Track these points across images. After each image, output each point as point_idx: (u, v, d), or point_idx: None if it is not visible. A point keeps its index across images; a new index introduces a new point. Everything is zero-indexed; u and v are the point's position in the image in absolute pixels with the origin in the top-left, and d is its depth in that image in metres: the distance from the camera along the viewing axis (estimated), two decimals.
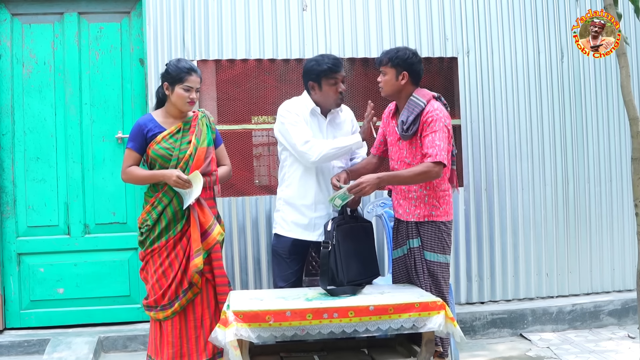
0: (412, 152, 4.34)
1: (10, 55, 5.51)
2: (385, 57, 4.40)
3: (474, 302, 5.89)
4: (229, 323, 3.73)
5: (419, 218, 4.36)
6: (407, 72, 4.35)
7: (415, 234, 4.37)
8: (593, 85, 6.14)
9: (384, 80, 4.39)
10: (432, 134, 4.21)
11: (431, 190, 4.34)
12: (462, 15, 5.94)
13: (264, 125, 5.74)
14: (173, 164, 4.34)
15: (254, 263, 5.62)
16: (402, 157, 4.40)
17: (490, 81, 5.97)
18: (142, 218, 4.41)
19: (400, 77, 4.36)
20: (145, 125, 4.40)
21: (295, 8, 5.74)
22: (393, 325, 3.85)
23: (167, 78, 4.39)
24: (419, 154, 4.30)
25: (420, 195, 4.35)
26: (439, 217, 4.36)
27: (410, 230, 4.38)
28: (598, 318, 5.84)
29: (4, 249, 5.48)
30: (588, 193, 6.11)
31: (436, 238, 4.36)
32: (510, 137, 5.98)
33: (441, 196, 4.38)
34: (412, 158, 4.33)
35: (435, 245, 4.35)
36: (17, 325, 5.47)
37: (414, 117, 4.29)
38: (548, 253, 6.01)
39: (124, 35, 5.65)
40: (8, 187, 5.49)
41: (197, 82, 4.42)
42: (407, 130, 4.31)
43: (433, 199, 4.35)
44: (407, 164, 4.36)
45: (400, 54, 4.38)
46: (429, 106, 4.30)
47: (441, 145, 4.19)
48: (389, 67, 4.37)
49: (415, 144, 4.32)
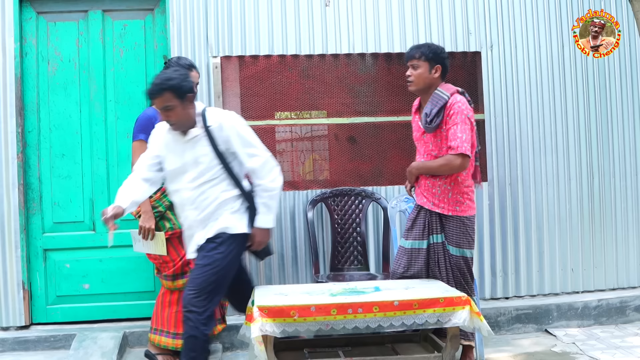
0: (437, 144, 4.37)
1: (35, 53, 5.55)
2: (418, 51, 4.45)
3: (499, 298, 5.86)
4: (253, 319, 3.74)
5: (443, 211, 4.38)
6: (441, 65, 4.42)
7: (439, 229, 4.39)
8: (618, 79, 6.08)
9: (417, 73, 4.43)
10: (454, 126, 4.27)
11: (455, 186, 4.38)
12: (486, 9, 5.91)
13: (287, 121, 5.75)
14: None
15: (278, 258, 5.64)
16: (429, 150, 4.43)
17: (514, 75, 5.94)
18: (152, 203, 4.66)
19: (433, 71, 4.42)
20: (155, 116, 4.60)
21: (318, 3, 5.73)
22: (417, 320, 3.85)
23: None
24: (444, 146, 4.35)
25: (444, 191, 4.37)
26: (463, 212, 4.40)
27: (434, 224, 4.40)
28: (624, 313, 5.79)
29: (30, 245, 5.53)
30: (613, 187, 6.05)
31: (461, 233, 4.40)
32: (535, 132, 5.94)
33: (465, 192, 4.41)
34: (439, 150, 4.38)
35: (460, 240, 4.39)
36: (43, 320, 5.52)
37: (437, 109, 4.33)
38: (573, 248, 5.97)
39: (148, 32, 5.67)
40: (34, 183, 5.54)
41: (196, 77, 4.78)
42: (430, 122, 4.35)
43: (457, 194, 4.38)
44: (433, 156, 4.40)
45: (433, 48, 4.47)
46: (452, 99, 4.35)
47: (463, 137, 4.25)
48: (422, 61, 4.42)
49: (440, 136, 4.36)
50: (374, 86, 5.85)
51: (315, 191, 5.71)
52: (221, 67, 5.63)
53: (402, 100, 5.76)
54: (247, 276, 4.49)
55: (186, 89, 4.01)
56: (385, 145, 5.84)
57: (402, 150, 5.80)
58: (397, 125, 5.81)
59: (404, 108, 5.73)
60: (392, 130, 5.82)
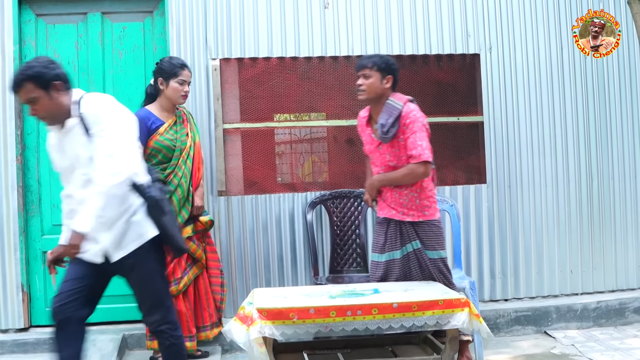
0: (395, 154, 4.44)
1: (34, 55, 5.54)
2: (370, 61, 4.50)
3: (498, 300, 5.87)
4: (253, 320, 3.74)
5: (414, 218, 4.45)
6: (392, 76, 4.48)
7: (414, 236, 4.44)
8: (617, 81, 6.08)
9: (369, 82, 4.47)
10: (413, 135, 4.34)
11: (422, 192, 4.47)
12: (484, 12, 5.92)
13: (286, 123, 5.75)
14: (177, 154, 4.80)
15: (277, 261, 5.64)
16: (386, 161, 4.49)
17: (513, 77, 5.94)
18: None
19: (385, 81, 4.47)
20: (147, 117, 4.76)
21: (317, 5, 5.74)
22: (417, 322, 3.85)
23: (161, 74, 4.83)
24: (403, 156, 4.40)
25: (411, 199, 4.47)
26: (431, 216, 4.49)
27: (409, 233, 4.45)
28: (623, 315, 5.79)
29: (29, 247, 5.53)
30: (612, 189, 6.06)
31: (434, 235, 4.48)
32: (534, 134, 5.94)
33: (430, 196, 4.51)
34: (397, 161, 4.44)
35: (435, 243, 4.47)
36: (42, 322, 5.51)
37: (393, 119, 4.39)
38: (572, 250, 5.97)
39: (147, 34, 5.68)
40: (33, 185, 5.54)
41: (189, 76, 4.91)
42: (387, 132, 4.41)
43: (424, 200, 4.48)
44: (392, 167, 4.46)
45: (385, 58, 4.54)
46: (406, 108, 4.41)
47: (423, 145, 4.33)
48: (374, 71, 4.47)
49: (397, 146, 4.42)
50: None
51: (315, 193, 5.71)
52: (220, 69, 5.63)
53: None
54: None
55: (49, 77, 3.50)
56: None
57: None
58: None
59: None
60: None
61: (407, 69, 5.82)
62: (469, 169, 5.98)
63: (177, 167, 4.81)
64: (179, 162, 4.81)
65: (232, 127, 5.67)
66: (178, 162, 4.81)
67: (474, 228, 5.84)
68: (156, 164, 4.78)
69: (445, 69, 5.95)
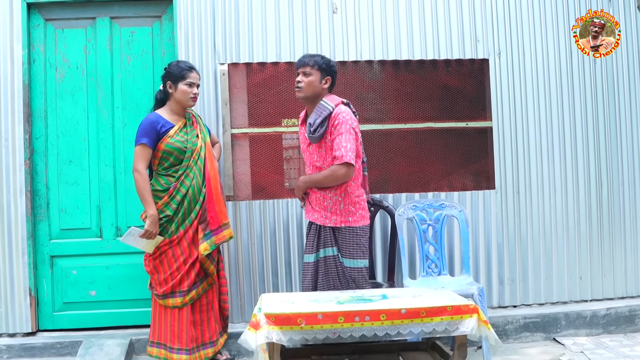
0: (322, 155, 4.47)
1: (43, 59, 5.57)
2: (311, 60, 4.56)
3: (507, 306, 5.84)
4: (260, 326, 3.73)
5: (336, 224, 4.45)
6: (331, 77, 4.55)
7: (332, 242, 4.45)
8: (627, 86, 6.05)
9: (308, 80, 4.53)
10: (339, 136, 4.37)
11: (346, 197, 4.47)
12: (493, 16, 5.90)
13: (294, 128, 5.74)
14: (188, 155, 4.80)
15: (285, 266, 5.63)
16: (314, 161, 4.53)
17: (522, 83, 5.92)
18: (158, 209, 4.76)
19: (324, 82, 4.54)
20: (157, 121, 4.79)
21: (325, 10, 5.74)
22: (425, 328, 3.83)
23: (169, 77, 4.87)
24: (328, 157, 4.43)
25: (335, 202, 4.48)
26: (355, 223, 4.48)
27: (327, 237, 4.45)
28: (633, 322, 5.75)
29: (37, 252, 5.53)
30: (622, 195, 6.03)
31: (354, 244, 4.48)
32: (543, 139, 5.92)
33: (356, 202, 4.50)
34: (323, 161, 4.46)
35: (354, 251, 4.48)
36: (50, 327, 5.52)
37: (321, 119, 4.43)
38: (581, 256, 5.94)
39: (155, 39, 5.68)
40: (41, 190, 5.55)
41: (197, 79, 4.92)
42: (314, 132, 4.44)
43: (348, 205, 4.48)
44: (318, 167, 4.49)
45: (326, 59, 4.62)
46: (337, 109, 4.45)
47: (347, 147, 4.35)
48: (315, 70, 4.54)
49: (325, 147, 4.46)
50: (381, 93, 5.84)
51: None
52: (229, 74, 5.63)
53: (409, 107, 5.75)
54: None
55: None
56: (392, 153, 5.83)
57: (409, 157, 5.79)
58: (405, 132, 5.79)
59: (412, 115, 5.73)
60: (399, 137, 5.80)
61: (416, 74, 5.81)
62: (478, 175, 5.96)
63: (188, 167, 4.81)
64: (189, 164, 4.82)
65: (240, 132, 5.67)
66: (189, 164, 4.82)
67: (483, 234, 5.82)
68: (168, 167, 4.82)
69: (454, 74, 5.93)
